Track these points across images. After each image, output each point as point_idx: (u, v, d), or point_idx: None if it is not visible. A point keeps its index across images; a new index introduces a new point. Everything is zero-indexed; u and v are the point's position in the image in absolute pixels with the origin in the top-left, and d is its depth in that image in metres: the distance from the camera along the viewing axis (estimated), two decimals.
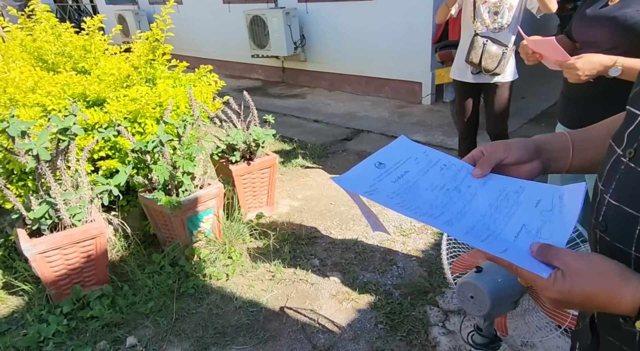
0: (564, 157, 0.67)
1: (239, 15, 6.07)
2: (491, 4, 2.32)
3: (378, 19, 4.96)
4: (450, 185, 0.63)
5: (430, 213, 0.57)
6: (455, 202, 0.60)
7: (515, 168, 0.65)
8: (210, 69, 2.87)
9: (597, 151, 0.66)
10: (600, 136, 0.67)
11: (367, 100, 5.31)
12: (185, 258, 2.27)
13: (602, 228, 0.54)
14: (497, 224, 0.58)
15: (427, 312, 1.90)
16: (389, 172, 0.64)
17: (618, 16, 1.25)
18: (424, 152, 0.69)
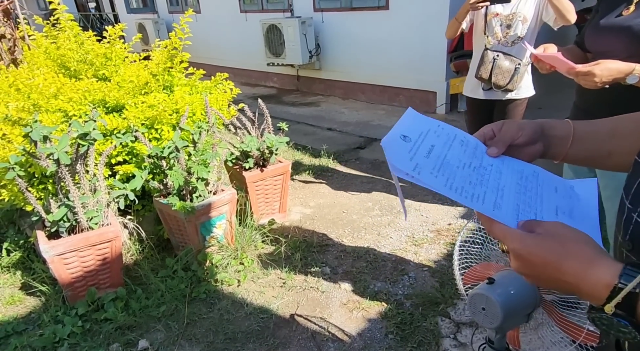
0: (562, 144, 0.66)
1: (256, 24, 6.17)
2: (503, 17, 2.26)
3: (392, 27, 4.99)
4: (475, 162, 0.60)
5: (476, 194, 0.53)
6: (489, 180, 0.57)
7: (520, 149, 0.64)
8: (226, 76, 2.92)
9: (595, 144, 0.66)
10: (603, 131, 0.67)
11: (381, 109, 5.32)
12: (197, 263, 2.29)
13: (628, 247, 0.53)
14: (535, 203, 0.56)
15: (439, 323, 1.88)
16: (417, 145, 0.59)
17: (633, 25, 1.24)
18: (438, 126, 0.65)
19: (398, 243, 2.53)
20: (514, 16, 2.24)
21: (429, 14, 4.55)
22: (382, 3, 4.97)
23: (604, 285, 0.44)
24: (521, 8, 2.20)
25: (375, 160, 3.75)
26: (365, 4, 5.17)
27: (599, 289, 0.44)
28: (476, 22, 2.38)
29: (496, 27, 2.29)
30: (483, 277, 1.34)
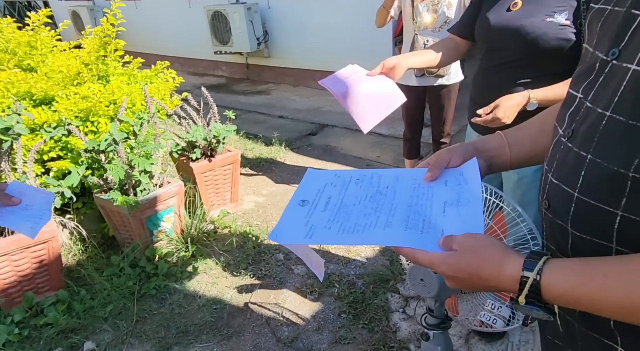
0: (502, 154, 0.72)
1: (200, 11, 5.95)
2: (429, 2, 2.27)
3: (340, 13, 4.98)
4: (371, 191, 0.67)
5: (369, 223, 0.60)
6: (383, 203, 0.64)
7: None
8: (167, 65, 2.80)
9: (533, 144, 0.72)
10: (533, 130, 0.73)
11: (331, 95, 5.28)
12: (146, 258, 2.22)
13: (545, 206, 0.57)
14: (425, 208, 0.62)
15: (389, 299, 1.94)
16: (314, 204, 0.66)
17: (522, 27, 1.19)
18: (335, 175, 0.73)
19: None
20: (439, 1, 2.26)
21: None
22: None
23: (514, 280, 0.49)
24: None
25: (327, 146, 3.78)
26: None
27: (512, 284, 0.49)
28: (404, 8, 2.39)
29: (423, 12, 2.30)
30: None
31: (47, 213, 0.87)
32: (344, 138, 3.94)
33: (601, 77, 0.50)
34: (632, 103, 0.44)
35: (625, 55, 0.46)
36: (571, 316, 0.57)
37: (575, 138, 0.52)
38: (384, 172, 0.73)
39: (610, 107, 0.46)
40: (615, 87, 0.46)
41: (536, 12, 1.18)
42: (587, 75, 0.53)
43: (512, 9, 1.25)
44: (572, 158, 0.51)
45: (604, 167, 0.46)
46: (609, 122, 0.47)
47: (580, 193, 0.50)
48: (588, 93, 0.52)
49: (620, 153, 0.45)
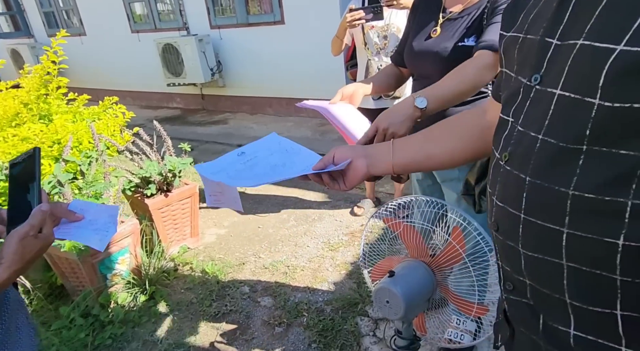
0: (384, 157, 0.81)
1: (150, 44, 5.89)
2: (379, 29, 2.35)
3: (291, 41, 5.09)
4: (280, 162, 0.88)
5: (247, 176, 0.85)
6: (258, 163, 0.90)
7: (347, 166, 0.82)
8: (116, 100, 2.72)
9: (414, 151, 0.82)
10: (418, 138, 0.84)
11: (289, 121, 5.37)
12: (100, 306, 2.07)
13: (495, 228, 0.58)
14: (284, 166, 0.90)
15: (358, 323, 1.91)
16: (245, 158, 0.87)
17: (438, 52, 1.25)
18: (279, 142, 0.93)
19: (315, 250, 2.55)
20: (388, 27, 2.35)
21: (323, 26, 4.73)
22: (278, 18, 5.06)
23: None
24: (393, 19, 2.31)
25: None
26: (261, 19, 5.22)
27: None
28: (356, 35, 2.47)
29: (374, 38, 2.38)
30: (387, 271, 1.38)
31: (113, 226, 0.88)
32: None
33: (528, 101, 0.52)
34: (561, 126, 0.46)
35: (547, 81, 0.49)
36: (536, 336, 0.57)
37: (512, 162, 0.53)
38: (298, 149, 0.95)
39: (542, 131, 0.48)
40: (544, 110, 0.48)
41: (450, 38, 1.25)
42: (513, 99, 0.55)
43: (432, 35, 1.31)
44: (513, 181, 0.53)
45: (544, 188, 0.48)
46: (542, 145, 0.48)
47: (526, 214, 0.51)
48: (518, 117, 0.53)
49: (556, 173, 0.47)
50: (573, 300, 0.49)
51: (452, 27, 1.25)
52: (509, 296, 0.61)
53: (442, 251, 1.16)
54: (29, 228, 0.70)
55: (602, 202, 0.43)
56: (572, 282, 0.48)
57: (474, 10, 1.23)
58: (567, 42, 0.47)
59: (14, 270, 0.69)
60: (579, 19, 0.46)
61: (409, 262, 1.22)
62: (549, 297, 0.52)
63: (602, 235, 0.44)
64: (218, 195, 0.97)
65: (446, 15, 1.28)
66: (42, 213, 0.73)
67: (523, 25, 0.57)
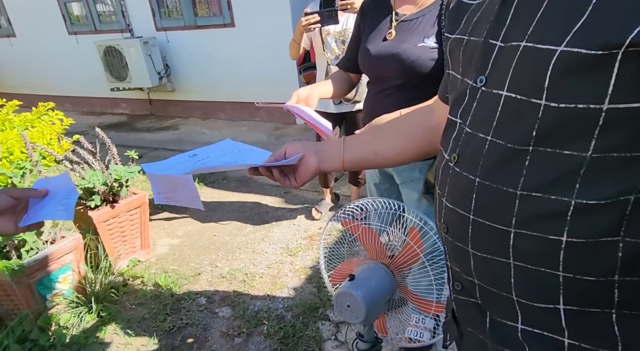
0: (335, 154, 0.82)
1: (90, 47, 5.56)
2: (336, 34, 2.36)
3: (242, 44, 5.01)
4: (231, 160, 0.88)
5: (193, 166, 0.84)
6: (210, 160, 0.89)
7: (299, 163, 0.82)
8: (52, 106, 2.53)
9: (362, 148, 0.84)
10: (367, 136, 0.87)
11: (243, 126, 5.28)
12: (39, 329, 1.90)
13: (444, 229, 0.58)
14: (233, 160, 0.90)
15: (320, 328, 1.89)
16: (196, 158, 0.87)
17: (398, 53, 1.26)
18: (232, 145, 0.93)
19: (274, 256, 2.50)
20: (346, 32, 2.35)
21: (274, 28, 4.70)
22: (228, 21, 4.96)
23: None
24: (350, 24, 2.31)
25: (243, 177, 3.68)
26: (210, 21, 5.09)
27: None
28: (314, 40, 2.46)
29: (332, 44, 2.38)
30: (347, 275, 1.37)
31: (73, 191, 0.83)
32: None
33: (475, 103, 0.52)
34: (508, 128, 0.47)
35: (492, 82, 0.49)
36: (482, 334, 0.58)
37: (462, 163, 0.53)
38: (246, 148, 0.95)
39: (490, 132, 0.49)
40: (491, 112, 0.49)
41: (409, 39, 1.27)
42: (460, 101, 0.56)
43: (387, 38, 1.33)
44: (462, 182, 0.53)
45: (493, 189, 0.48)
46: (491, 146, 0.49)
47: (475, 215, 0.51)
48: (466, 119, 0.54)
49: (505, 174, 0.47)
50: (519, 297, 0.50)
51: (407, 29, 1.28)
52: (458, 297, 0.61)
53: (400, 252, 1.17)
54: None
55: (548, 201, 0.44)
56: (519, 280, 0.49)
57: (427, 12, 1.26)
58: (510, 44, 0.47)
59: None
60: (521, 21, 0.46)
61: (368, 264, 1.22)
62: (496, 296, 0.53)
63: (547, 233, 0.45)
64: (170, 192, 0.90)
65: (399, 18, 1.29)
66: None
67: (467, 27, 0.58)
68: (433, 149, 0.84)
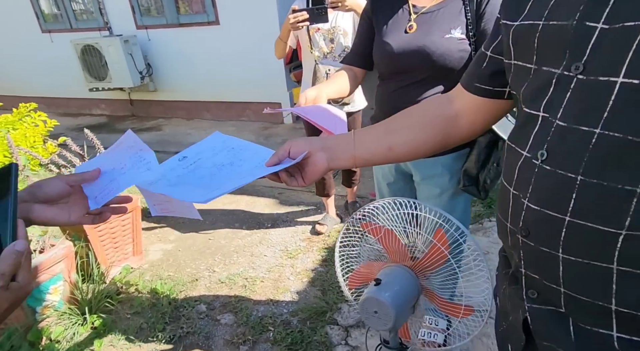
0: (346, 150, 0.77)
1: (66, 46, 5.34)
2: (325, 31, 2.28)
3: (227, 43, 4.90)
4: (227, 161, 0.80)
5: (191, 181, 0.75)
6: (217, 169, 0.79)
7: (304, 161, 0.76)
8: (34, 107, 2.39)
9: (375, 143, 0.78)
10: (379, 130, 0.80)
11: (230, 126, 5.17)
12: (29, 345, 1.78)
13: (524, 233, 0.54)
14: (232, 165, 0.81)
15: (328, 333, 1.85)
16: (187, 162, 0.78)
17: (425, 46, 1.22)
18: (223, 141, 0.84)
19: (273, 259, 2.44)
20: (335, 30, 2.28)
21: (260, 26, 4.61)
22: (212, 18, 4.84)
23: None
24: (340, 22, 2.26)
25: None
26: (194, 19, 4.96)
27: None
28: (301, 38, 2.37)
29: (320, 42, 2.30)
30: (368, 278, 1.33)
31: (147, 151, 0.74)
32: None
33: (568, 93, 0.48)
34: (628, 118, 0.43)
35: (595, 69, 0.45)
36: (564, 346, 0.54)
37: (553, 160, 0.49)
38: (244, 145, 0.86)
39: (600, 124, 0.45)
40: (598, 102, 0.45)
41: (433, 31, 1.25)
42: (543, 92, 0.52)
43: (408, 31, 1.29)
44: (555, 181, 0.49)
45: (603, 187, 0.44)
46: (600, 140, 0.45)
47: (572, 217, 0.47)
48: (556, 112, 0.49)
49: (621, 170, 0.43)
50: (620, 305, 0.47)
51: (429, 21, 1.25)
52: (532, 305, 0.57)
53: (425, 254, 1.13)
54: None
55: None
56: (622, 288, 0.46)
57: (448, 3, 1.23)
58: (620, 25, 0.43)
59: None
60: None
61: (391, 267, 1.18)
62: (588, 304, 0.49)
63: None
64: (165, 203, 0.83)
65: (418, 10, 1.26)
66: (16, 256, 0.51)
67: (540, 12, 0.53)
68: (451, 141, 0.81)
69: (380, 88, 1.46)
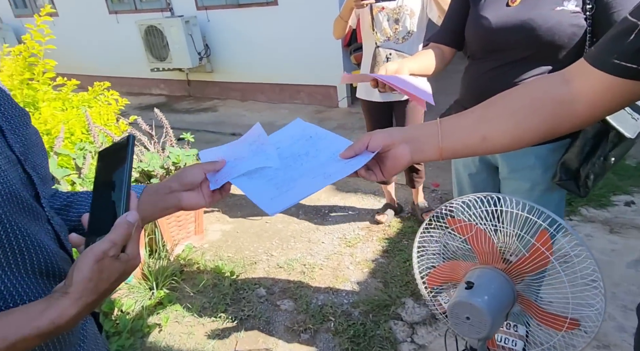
0: (431, 141, 0.69)
1: (131, 26, 5.52)
2: (390, 11, 2.11)
3: (284, 24, 4.84)
4: (303, 150, 0.78)
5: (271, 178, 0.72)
6: (293, 160, 0.76)
7: (383, 154, 0.70)
8: (107, 86, 2.46)
9: (467, 133, 0.69)
10: (472, 118, 0.70)
11: (283, 108, 5.15)
12: (102, 314, 1.87)
13: None
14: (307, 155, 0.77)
15: (392, 328, 1.78)
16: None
17: (531, 20, 1.10)
18: (303, 129, 0.83)
19: (331, 247, 2.40)
20: (401, 9, 2.11)
21: (320, 8, 4.50)
22: None
23: None
24: (407, 1, 2.09)
25: None
26: (253, 0, 4.93)
27: None
28: (362, 18, 2.21)
29: (384, 23, 2.14)
30: (451, 278, 1.24)
31: (264, 139, 0.77)
32: None
33: None
34: None
35: None
36: None
37: None
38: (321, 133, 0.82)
39: None
40: None
41: (541, 3, 1.11)
42: None
43: (510, 4, 1.16)
44: None
45: None
46: None
47: None
48: None
49: None
50: None
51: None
52: None
53: (524, 257, 1.03)
54: (107, 246, 0.50)
55: None
56: None
57: None
58: None
59: (86, 303, 0.50)
60: None
61: (482, 269, 1.08)
62: None
63: None
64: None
65: None
66: (128, 226, 0.52)
67: None
68: (560, 129, 0.67)
69: (470, 68, 1.34)
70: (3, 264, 0.53)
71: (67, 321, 0.48)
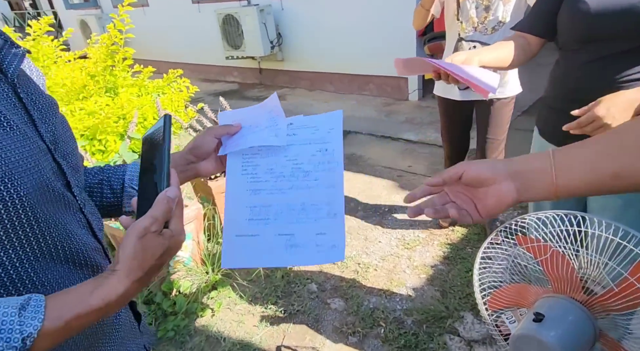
0: (544, 178, 0.57)
1: (210, 15, 5.74)
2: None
3: (357, 12, 4.71)
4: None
5: None
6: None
7: (482, 190, 0.59)
8: (180, 73, 2.56)
9: (592, 170, 0.55)
10: (592, 151, 0.56)
11: (351, 99, 5.06)
12: (162, 293, 1.96)
13: None
14: None
15: (447, 343, 1.65)
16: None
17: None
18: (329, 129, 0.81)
19: (388, 247, 2.29)
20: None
21: None
22: None
23: None
24: None
25: (352, 155, 3.50)
26: None
27: None
28: (447, 4, 1.98)
29: (471, 11, 1.88)
30: (516, 303, 1.10)
31: (281, 117, 0.77)
32: (369, 146, 3.66)
33: None
34: None
35: None
36: None
37: None
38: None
39: None
40: None
41: None
42: None
43: None
44: None
45: None
46: None
47: None
48: None
49: None
50: None
51: None
52: None
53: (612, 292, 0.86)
54: (149, 222, 0.50)
55: None
56: None
57: None
58: None
59: (133, 281, 0.50)
60: None
61: (555, 299, 0.93)
62: None
63: None
64: None
65: None
66: (168, 201, 0.52)
67: None
68: None
69: (561, 62, 1.16)
70: (37, 254, 0.54)
71: (117, 298, 0.49)
